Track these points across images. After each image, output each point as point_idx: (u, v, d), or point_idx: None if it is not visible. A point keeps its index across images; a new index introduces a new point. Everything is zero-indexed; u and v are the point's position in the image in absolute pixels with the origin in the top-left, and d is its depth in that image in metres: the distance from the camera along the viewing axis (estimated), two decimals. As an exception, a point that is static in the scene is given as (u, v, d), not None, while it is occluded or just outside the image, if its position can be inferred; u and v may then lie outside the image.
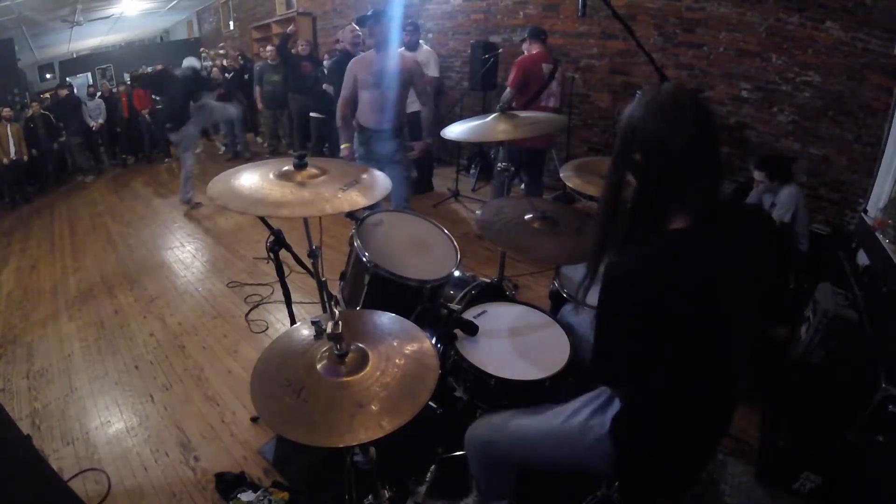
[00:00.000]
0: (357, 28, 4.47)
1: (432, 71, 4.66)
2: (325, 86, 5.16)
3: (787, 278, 2.39)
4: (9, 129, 6.24)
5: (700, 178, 0.89)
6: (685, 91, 0.97)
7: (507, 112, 2.02)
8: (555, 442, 1.19)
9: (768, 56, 3.36)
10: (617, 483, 1.38)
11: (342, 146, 3.12)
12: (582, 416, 1.16)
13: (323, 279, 1.80)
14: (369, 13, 2.88)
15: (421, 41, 4.80)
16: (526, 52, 3.58)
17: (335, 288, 1.97)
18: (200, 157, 7.79)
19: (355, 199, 1.37)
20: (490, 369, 1.48)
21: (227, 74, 6.92)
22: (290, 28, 6.23)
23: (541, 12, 4.64)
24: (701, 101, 0.94)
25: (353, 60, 3.07)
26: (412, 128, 4.73)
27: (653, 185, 0.91)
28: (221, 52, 8.14)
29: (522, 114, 2.06)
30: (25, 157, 6.44)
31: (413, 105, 4.62)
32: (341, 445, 0.94)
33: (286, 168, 1.45)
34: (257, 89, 6.59)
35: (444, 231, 1.98)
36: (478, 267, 3.29)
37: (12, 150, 6.27)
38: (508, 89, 3.48)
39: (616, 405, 1.11)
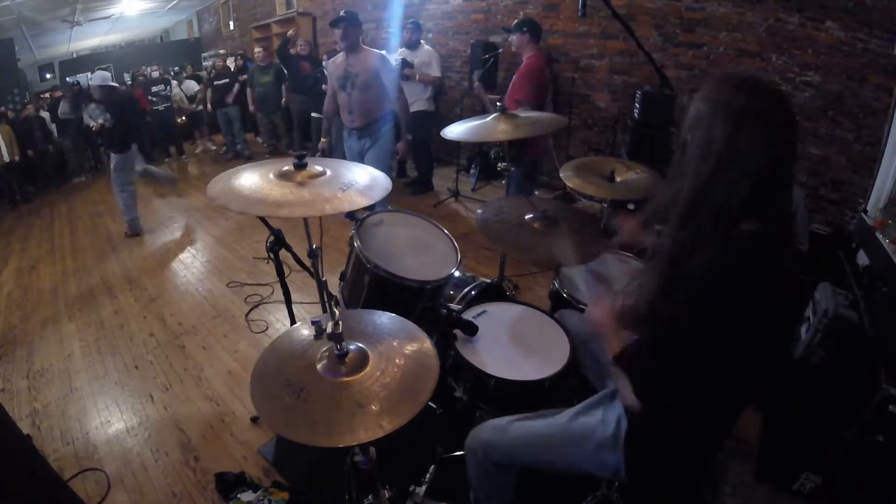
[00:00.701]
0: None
1: (434, 71, 4.64)
2: (324, 86, 5.16)
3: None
4: None
5: (784, 187, 0.88)
6: (767, 89, 0.88)
7: (506, 112, 2.02)
8: (557, 446, 1.19)
9: (768, 56, 3.36)
10: (617, 483, 1.38)
11: (321, 139, 3.29)
12: (585, 420, 1.16)
13: (323, 279, 1.80)
14: (342, 14, 2.95)
15: (422, 41, 4.79)
16: (523, 52, 3.17)
17: (335, 288, 1.97)
18: (200, 158, 7.81)
19: (355, 199, 1.37)
20: (490, 369, 1.48)
21: (216, 82, 6.98)
22: (291, 32, 6.25)
23: (541, 12, 4.63)
24: (779, 95, 0.88)
25: (330, 61, 3.21)
26: (416, 126, 4.73)
27: (737, 198, 0.85)
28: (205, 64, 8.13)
29: (522, 114, 2.06)
30: (17, 158, 6.42)
31: (417, 104, 4.64)
32: (341, 445, 0.94)
33: (286, 168, 1.45)
34: (249, 91, 6.60)
35: (444, 231, 1.98)
36: (478, 267, 3.29)
37: (4, 152, 6.25)
38: (525, 105, 2.93)
39: (618, 408, 1.11)
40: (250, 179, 1.41)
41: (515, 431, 1.25)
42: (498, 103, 2.07)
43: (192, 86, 7.99)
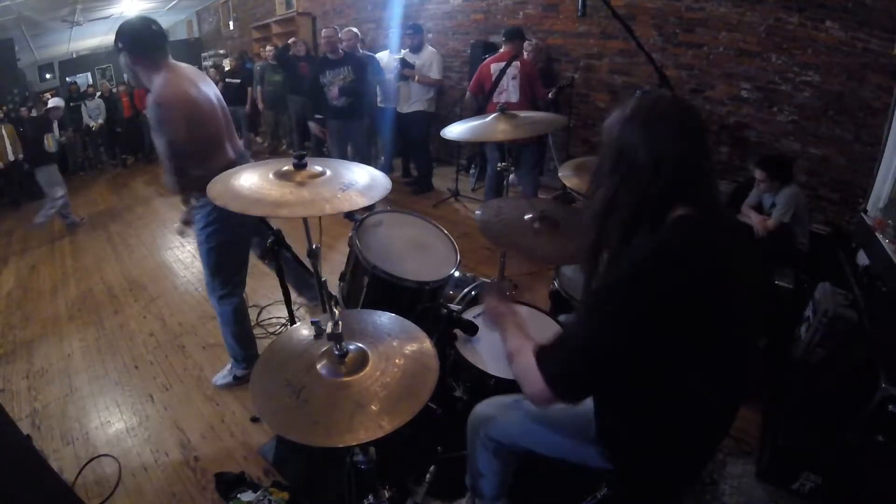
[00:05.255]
0: (354, 29, 4.48)
1: (434, 73, 4.61)
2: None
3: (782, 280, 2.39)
4: (3, 130, 6.21)
5: (701, 175, 0.93)
6: (669, 97, 0.99)
7: (506, 112, 2.02)
8: (561, 428, 1.18)
9: (768, 56, 3.36)
10: (616, 482, 1.37)
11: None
12: (588, 408, 1.16)
13: (323, 279, 1.80)
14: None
15: (426, 43, 4.78)
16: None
17: (335, 288, 1.97)
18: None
19: (355, 199, 1.37)
20: (490, 369, 1.48)
21: (228, 80, 6.98)
22: (292, 39, 6.28)
23: (541, 12, 4.64)
24: (685, 102, 0.98)
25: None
26: (413, 126, 4.74)
27: (657, 189, 0.91)
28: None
29: (522, 114, 2.06)
30: (21, 157, 6.42)
31: (416, 105, 4.64)
32: (341, 445, 0.94)
33: (286, 168, 1.45)
34: (258, 89, 6.61)
35: (443, 231, 1.98)
36: (478, 267, 3.29)
37: (9, 150, 6.25)
38: (468, 93, 3.93)
39: None
40: (250, 179, 1.40)
41: (522, 411, 1.24)
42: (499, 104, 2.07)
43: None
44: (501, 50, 3.78)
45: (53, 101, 5.64)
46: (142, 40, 1.86)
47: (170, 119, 1.80)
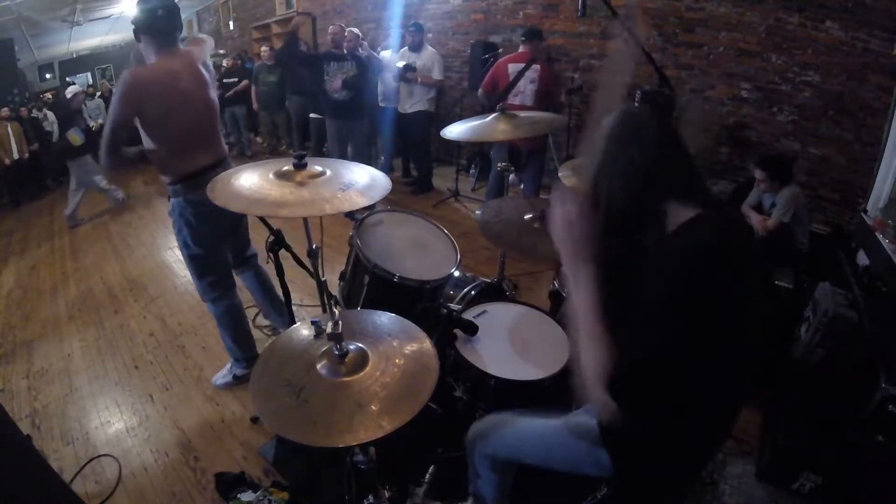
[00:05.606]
0: (356, 30, 4.49)
1: (436, 74, 4.63)
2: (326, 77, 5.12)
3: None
4: (9, 128, 6.22)
5: (695, 176, 0.97)
6: (642, 109, 1.08)
7: (506, 112, 2.02)
8: (555, 442, 1.19)
9: (768, 56, 3.36)
10: (617, 482, 1.37)
11: None
12: (582, 419, 1.16)
13: (323, 279, 1.80)
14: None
15: (426, 43, 4.79)
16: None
17: (335, 288, 1.97)
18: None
19: (355, 199, 1.37)
20: (490, 369, 1.48)
21: (226, 79, 6.98)
22: (294, 21, 6.23)
23: (541, 12, 4.63)
24: (658, 110, 1.04)
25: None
26: (414, 126, 4.75)
27: (655, 192, 0.94)
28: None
29: (522, 114, 2.06)
30: (26, 156, 6.44)
31: (418, 105, 4.65)
32: (341, 445, 0.94)
33: (286, 168, 1.45)
34: (254, 89, 6.60)
35: (443, 231, 1.98)
36: (478, 267, 3.29)
37: (14, 149, 6.26)
38: (480, 90, 3.82)
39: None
40: (250, 179, 1.40)
41: (515, 426, 1.26)
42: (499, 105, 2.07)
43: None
44: (519, 50, 3.69)
45: (72, 89, 5.55)
46: (143, 21, 1.89)
47: (121, 97, 1.82)
